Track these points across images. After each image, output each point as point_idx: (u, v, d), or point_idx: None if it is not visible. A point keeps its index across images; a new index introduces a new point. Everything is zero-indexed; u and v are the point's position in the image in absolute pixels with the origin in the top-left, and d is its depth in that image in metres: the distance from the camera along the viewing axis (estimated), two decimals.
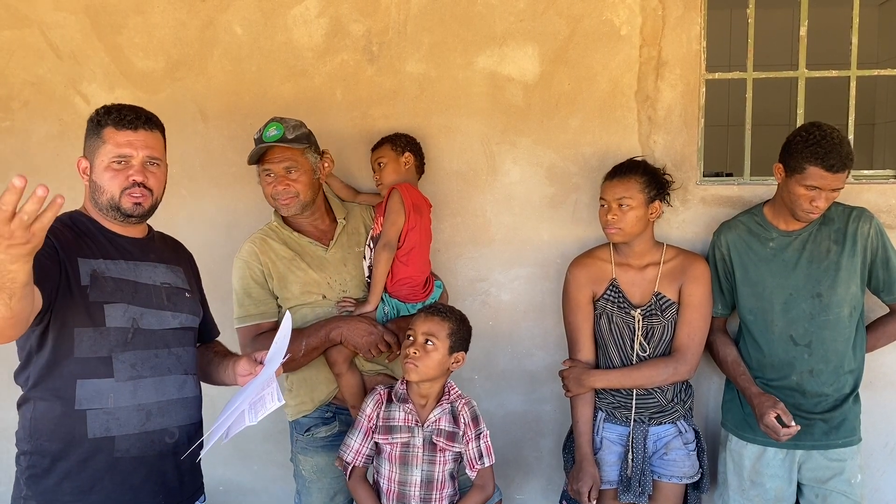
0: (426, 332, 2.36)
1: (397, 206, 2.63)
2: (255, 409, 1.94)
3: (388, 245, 2.60)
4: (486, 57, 3.00)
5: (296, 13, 3.04)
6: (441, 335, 2.37)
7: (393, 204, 2.63)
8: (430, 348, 2.35)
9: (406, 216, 2.62)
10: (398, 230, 2.62)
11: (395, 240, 2.61)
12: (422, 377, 2.36)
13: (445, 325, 2.38)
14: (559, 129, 3.01)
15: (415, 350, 2.34)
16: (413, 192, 2.70)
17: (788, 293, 2.66)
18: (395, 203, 2.63)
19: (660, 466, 2.73)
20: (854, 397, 2.71)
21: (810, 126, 2.55)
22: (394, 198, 2.64)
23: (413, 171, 2.81)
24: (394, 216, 2.62)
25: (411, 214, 2.63)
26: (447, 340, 2.37)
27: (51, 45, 3.11)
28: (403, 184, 2.70)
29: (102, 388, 1.93)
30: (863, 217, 2.67)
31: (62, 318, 1.91)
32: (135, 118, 2.02)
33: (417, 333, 2.37)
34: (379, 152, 2.80)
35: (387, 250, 2.59)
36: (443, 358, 2.37)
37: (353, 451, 2.42)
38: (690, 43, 2.94)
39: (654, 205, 2.67)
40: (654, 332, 2.70)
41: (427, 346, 2.35)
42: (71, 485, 1.94)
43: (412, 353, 2.34)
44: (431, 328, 2.37)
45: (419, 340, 2.36)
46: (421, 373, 2.35)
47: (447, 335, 2.37)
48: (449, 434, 2.40)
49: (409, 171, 2.78)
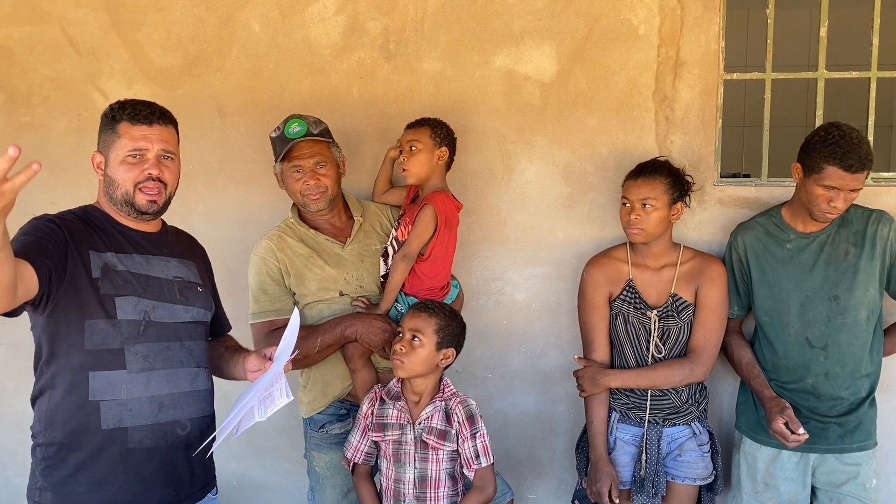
0: (413, 327, 2.37)
1: (428, 221, 2.55)
2: (264, 406, 1.95)
3: (407, 256, 2.55)
4: (503, 55, 3.00)
5: (313, 11, 3.04)
6: (428, 331, 2.37)
7: (424, 218, 2.55)
8: (416, 344, 2.36)
9: (436, 232, 2.57)
10: (422, 244, 2.56)
11: (416, 253, 2.56)
12: (409, 373, 2.37)
13: (432, 321, 2.38)
14: (576, 129, 3.01)
15: (401, 346, 2.36)
16: (448, 206, 2.60)
17: (805, 295, 2.64)
18: (428, 218, 2.55)
19: (673, 468, 2.72)
20: (870, 401, 2.69)
21: (829, 126, 2.53)
22: (427, 213, 2.55)
23: (444, 168, 2.67)
24: (421, 229, 2.55)
25: (441, 230, 2.57)
26: (434, 336, 2.37)
27: (70, 41, 3.13)
28: (440, 195, 2.59)
29: (115, 380, 1.95)
30: (882, 220, 2.65)
31: (71, 310, 1.93)
32: (150, 113, 2.04)
33: (405, 329, 2.38)
34: (415, 134, 2.62)
35: (405, 261, 2.55)
36: (430, 354, 2.37)
37: (353, 448, 2.46)
38: (709, 43, 2.93)
39: (676, 206, 2.66)
40: (670, 333, 2.69)
41: (413, 342, 2.36)
42: (85, 476, 1.96)
43: (399, 349, 2.36)
44: (418, 324, 2.38)
45: (406, 336, 2.37)
46: (407, 369, 2.36)
47: (434, 331, 2.37)
48: (440, 432, 2.39)
49: (441, 167, 2.65)
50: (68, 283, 1.92)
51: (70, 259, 1.92)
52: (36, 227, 1.92)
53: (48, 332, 1.96)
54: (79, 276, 1.93)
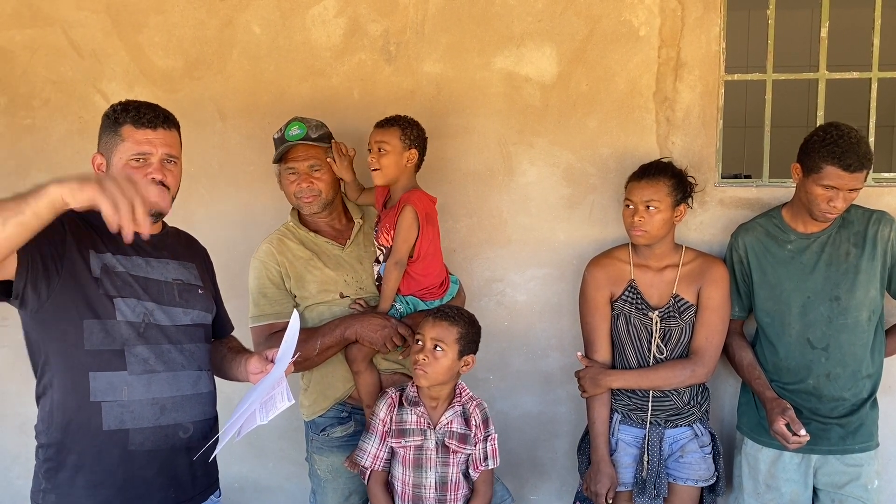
0: (435, 337, 2.37)
1: (411, 223, 2.52)
2: (265, 409, 1.95)
3: (399, 263, 2.53)
4: (504, 57, 3.00)
5: (314, 13, 3.05)
6: (450, 340, 2.37)
7: (406, 221, 2.51)
8: (439, 354, 2.35)
9: (419, 232, 2.54)
10: (410, 247, 2.54)
11: (406, 257, 2.54)
12: (432, 382, 2.38)
13: (454, 330, 2.38)
14: (576, 130, 3.01)
15: (424, 356, 2.35)
16: (424, 202, 2.57)
17: (806, 296, 2.64)
18: (410, 221, 2.51)
19: (675, 469, 2.72)
20: (872, 402, 2.69)
21: (828, 126, 2.53)
22: (408, 216, 2.51)
23: (413, 169, 2.61)
24: (406, 233, 2.52)
25: (424, 228, 2.55)
26: (456, 345, 2.37)
27: (72, 44, 3.13)
28: (414, 193, 2.55)
29: (115, 381, 1.93)
30: (883, 220, 2.65)
31: (69, 308, 1.91)
32: (154, 117, 2.02)
33: (426, 339, 2.37)
34: (384, 135, 2.56)
35: (398, 268, 2.54)
36: (452, 363, 2.38)
37: (371, 455, 2.43)
38: (710, 44, 2.93)
39: (679, 208, 2.66)
40: (672, 334, 2.69)
41: (436, 351, 2.35)
42: (84, 478, 1.96)
43: (421, 359, 2.35)
44: (440, 333, 2.37)
45: (428, 346, 2.36)
46: (431, 378, 2.36)
47: (456, 340, 2.38)
48: (461, 436, 2.41)
49: (410, 169, 2.59)
50: (67, 280, 1.90)
51: (68, 256, 1.91)
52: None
53: (44, 331, 1.94)
54: (79, 274, 1.92)
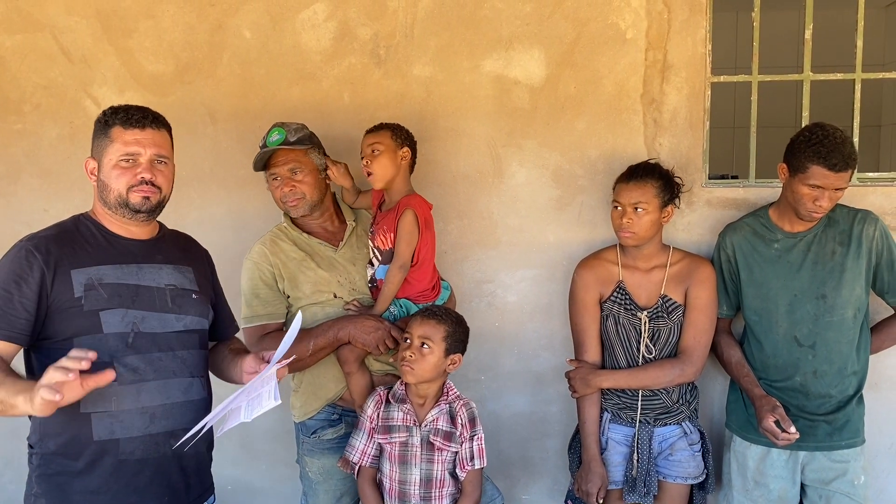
0: (422, 335, 2.41)
1: (413, 227, 2.55)
2: (251, 407, 1.94)
3: (403, 267, 2.55)
4: (493, 60, 3.02)
5: (304, 17, 3.06)
6: (437, 338, 2.41)
7: (408, 225, 2.54)
8: (425, 351, 2.39)
9: (420, 235, 2.57)
10: (412, 250, 2.57)
11: (409, 260, 2.57)
12: (418, 379, 2.41)
13: (441, 328, 2.42)
14: (565, 132, 3.03)
15: (411, 353, 2.39)
16: (423, 207, 2.61)
17: (793, 294, 2.67)
18: (412, 224, 2.54)
19: (665, 467, 2.74)
20: (858, 399, 2.72)
21: (813, 126, 2.57)
22: (409, 219, 2.54)
23: (407, 169, 2.65)
24: (409, 237, 2.54)
25: (423, 233, 2.58)
26: (443, 343, 2.41)
27: (62, 49, 3.14)
28: (414, 198, 2.60)
29: (105, 392, 1.92)
30: (868, 219, 2.68)
31: (59, 331, 1.94)
32: (142, 117, 2.04)
33: (414, 336, 2.42)
34: (376, 137, 2.61)
35: (402, 272, 2.56)
36: (438, 361, 2.41)
37: (359, 451, 2.48)
38: (696, 46, 2.95)
39: (666, 209, 2.69)
40: (661, 334, 2.72)
41: (423, 349, 2.40)
42: (80, 485, 1.97)
43: (408, 355, 2.39)
44: (427, 331, 2.41)
45: (415, 343, 2.40)
46: (417, 375, 2.40)
47: (443, 338, 2.41)
48: (446, 434, 2.44)
49: (405, 167, 2.63)
50: (53, 310, 1.93)
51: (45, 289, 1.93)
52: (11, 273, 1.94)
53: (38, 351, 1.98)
54: (62, 301, 1.94)
